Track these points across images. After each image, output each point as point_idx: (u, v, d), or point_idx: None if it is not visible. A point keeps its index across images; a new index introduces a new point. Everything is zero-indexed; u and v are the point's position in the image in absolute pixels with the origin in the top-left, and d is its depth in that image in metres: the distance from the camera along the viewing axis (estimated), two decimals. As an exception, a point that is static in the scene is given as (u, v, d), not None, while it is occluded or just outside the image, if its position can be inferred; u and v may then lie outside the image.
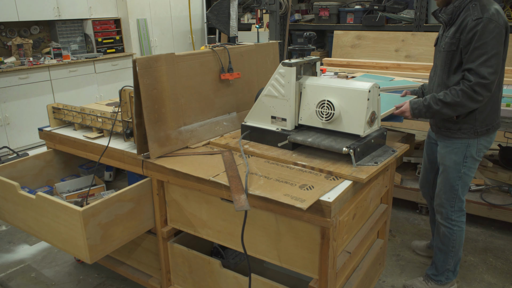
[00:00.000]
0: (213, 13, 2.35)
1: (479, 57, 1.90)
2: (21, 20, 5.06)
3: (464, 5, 1.99)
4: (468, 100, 1.95)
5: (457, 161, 2.15)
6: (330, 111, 1.86)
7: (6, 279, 2.69)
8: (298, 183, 1.66)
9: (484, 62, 1.89)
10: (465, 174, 2.16)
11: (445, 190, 2.23)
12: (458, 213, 2.25)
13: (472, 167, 2.16)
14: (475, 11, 1.92)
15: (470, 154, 2.13)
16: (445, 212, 2.26)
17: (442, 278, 2.39)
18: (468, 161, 2.14)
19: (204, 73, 2.18)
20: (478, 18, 1.90)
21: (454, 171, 2.17)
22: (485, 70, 1.89)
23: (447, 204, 2.24)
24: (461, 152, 2.14)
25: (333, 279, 1.68)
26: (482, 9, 1.91)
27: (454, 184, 2.19)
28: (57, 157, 2.62)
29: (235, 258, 2.27)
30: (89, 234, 1.74)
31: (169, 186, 1.99)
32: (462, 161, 2.14)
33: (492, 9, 1.91)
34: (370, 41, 5.01)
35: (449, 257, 2.33)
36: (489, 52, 1.88)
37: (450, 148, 2.17)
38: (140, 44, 6.42)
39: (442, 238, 2.32)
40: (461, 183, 2.18)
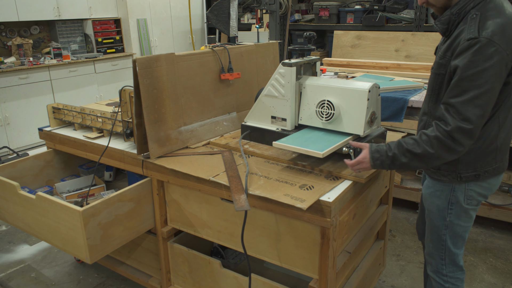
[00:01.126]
0: (213, 13, 2.35)
1: (465, 92, 1.40)
2: (21, 20, 5.06)
3: (464, 14, 1.49)
4: (445, 151, 1.46)
5: (440, 207, 1.68)
6: (330, 111, 1.86)
7: (6, 279, 2.70)
8: (298, 183, 1.66)
9: (472, 100, 1.39)
10: (452, 223, 1.68)
11: (432, 239, 1.77)
12: (452, 267, 1.76)
13: (462, 216, 1.66)
14: (472, 26, 1.42)
15: (456, 201, 1.64)
16: (435, 264, 1.79)
17: None
18: (455, 209, 1.65)
19: (204, 73, 2.18)
20: (472, 38, 1.39)
21: (438, 218, 1.71)
22: (470, 111, 1.39)
23: (436, 255, 1.78)
24: (445, 196, 1.66)
25: (333, 279, 1.68)
26: (482, 25, 1.39)
27: (440, 234, 1.73)
28: (57, 157, 2.62)
29: (235, 258, 2.27)
30: (89, 234, 1.74)
31: (169, 186, 1.99)
32: (447, 208, 1.67)
33: (496, 25, 1.38)
34: (370, 41, 5.00)
35: None
36: (481, 87, 1.38)
37: (432, 190, 1.70)
38: (140, 44, 6.42)
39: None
40: (449, 232, 1.70)
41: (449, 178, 1.62)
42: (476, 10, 1.45)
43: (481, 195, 1.64)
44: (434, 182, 1.69)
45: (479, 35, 1.38)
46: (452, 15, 1.51)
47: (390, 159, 1.55)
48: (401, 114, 3.00)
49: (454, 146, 1.44)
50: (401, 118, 3.01)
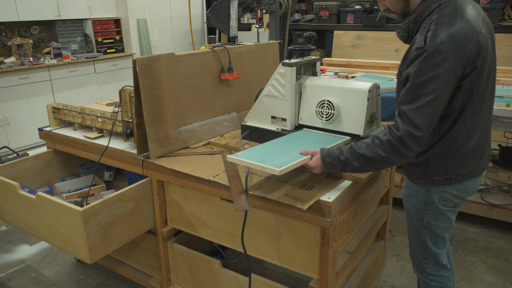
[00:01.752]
0: (213, 13, 2.35)
1: (415, 100, 1.42)
2: (21, 20, 5.06)
3: (420, 21, 1.49)
4: (395, 155, 1.48)
5: (418, 208, 1.72)
6: (330, 111, 1.86)
7: (6, 279, 2.70)
8: (298, 183, 1.66)
9: (420, 108, 1.41)
10: (430, 223, 1.70)
11: (413, 239, 1.81)
12: (435, 266, 1.78)
13: (439, 216, 1.68)
14: (423, 34, 1.43)
15: (431, 202, 1.67)
16: (419, 263, 1.82)
17: None
18: (432, 210, 1.68)
19: (204, 73, 2.18)
20: (419, 48, 1.40)
21: (416, 219, 1.75)
22: (419, 118, 1.41)
23: (419, 255, 1.81)
24: (421, 197, 1.69)
25: (333, 279, 1.68)
26: (433, 33, 1.40)
27: (419, 234, 1.76)
28: (57, 157, 2.62)
29: (235, 258, 2.27)
30: (89, 234, 1.74)
31: (169, 186, 1.99)
32: (424, 209, 1.70)
33: (447, 33, 1.38)
34: (370, 41, 5.01)
35: None
36: (429, 95, 1.40)
37: (409, 190, 1.75)
38: (140, 44, 6.42)
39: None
40: (427, 233, 1.73)
41: (423, 181, 1.65)
42: (430, 18, 1.45)
43: (457, 197, 1.65)
44: (412, 183, 1.72)
45: (425, 44, 1.39)
46: (410, 23, 1.53)
47: (342, 163, 1.56)
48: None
49: (404, 151, 1.46)
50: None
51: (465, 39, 1.40)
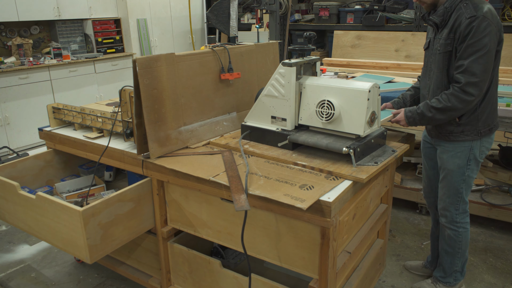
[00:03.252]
0: (213, 13, 2.35)
1: (471, 54, 1.87)
2: (21, 20, 5.06)
3: (455, 5, 1.95)
4: (460, 103, 1.91)
5: (461, 165, 2.10)
6: (330, 111, 1.86)
7: (6, 279, 2.70)
8: (298, 183, 1.66)
9: (477, 60, 1.86)
10: (468, 176, 2.12)
11: (449, 194, 2.18)
12: (463, 215, 2.21)
13: (475, 169, 2.13)
14: (467, 9, 1.89)
15: (473, 157, 2.09)
16: (450, 215, 2.21)
17: (451, 280, 2.36)
18: (472, 164, 2.10)
19: (204, 73, 2.18)
20: (472, 16, 1.86)
21: (458, 175, 2.12)
22: (476, 68, 1.86)
23: (451, 207, 2.20)
24: (465, 155, 2.09)
25: (333, 279, 1.68)
26: (475, 8, 1.88)
27: (458, 188, 2.15)
28: (57, 157, 2.62)
29: (235, 258, 2.27)
30: (89, 234, 1.74)
31: (169, 186, 1.99)
32: (466, 164, 2.10)
33: (486, 8, 1.88)
34: (370, 41, 5.00)
35: (456, 259, 2.29)
36: (482, 50, 1.85)
37: (453, 152, 2.11)
38: (140, 44, 6.42)
39: (448, 241, 2.27)
40: (465, 185, 2.14)
41: (471, 136, 2.05)
42: (464, 1, 1.92)
43: (487, 148, 2.12)
44: (455, 145, 2.10)
45: (476, 13, 1.86)
46: (446, 8, 1.97)
47: (419, 115, 2.01)
48: (401, 114, 2.99)
49: (466, 98, 1.89)
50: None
51: (496, 15, 1.91)
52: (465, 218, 2.23)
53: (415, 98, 2.34)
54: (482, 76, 1.87)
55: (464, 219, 2.22)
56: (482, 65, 1.86)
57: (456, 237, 2.24)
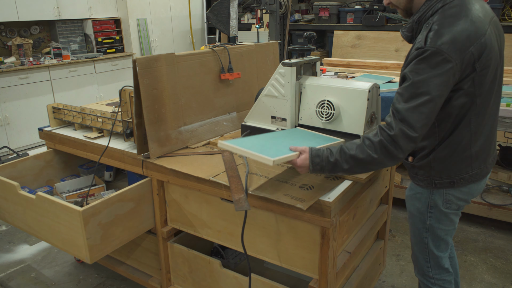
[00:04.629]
0: (213, 13, 2.35)
1: (411, 99, 1.39)
2: (21, 20, 5.06)
3: (424, 21, 1.47)
4: (386, 156, 1.44)
5: (421, 210, 1.70)
6: (330, 111, 1.86)
7: (6, 279, 2.70)
8: (298, 183, 1.66)
9: (417, 107, 1.38)
10: (432, 226, 1.69)
11: (415, 241, 1.79)
12: (437, 269, 1.76)
13: (442, 219, 1.67)
14: (424, 33, 1.41)
15: (434, 204, 1.65)
16: (421, 266, 1.81)
17: None
18: (434, 213, 1.66)
19: (204, 73, 2.18)
20: (419, 48, 1.39)
21: (419, 221, 1.73)
22: (415, 118, 1.39)
23: (421, 258, 1.79)
24: (424, 199, 1.67)
25: (333, 279, 1.68)
26: (435, 33, 1.37)
27: (422, 237, 1.74)
28: (57, 157, 2.62)
29: (235, 258, 2.27)
30: (89, 234, 1.74)
31: (169, 186, 1.99)
32: (427, 211, 1.68)
33: (449, 34, 1.36)
34: (370, 41, 5.01)
35: None
36: (426, 95, 1.37)
37: (413, 192, 1.73)
38: (140, 44, 6.42)
39: None
40: (430, 236, 1.71)
41: (425, 184, 1.64)
42: (432, 18, 1.43)
43: (460, 199, 1.64)
44: (415, 185, 1.71)
45: (425, 44, 1.37)
46: (414, 23, 1.51)
47: (331, 164, 1.50)
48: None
49: (395, 152, 1.42)
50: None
51: (467, 41, 1.37)
52: (441, 275, 1.77)
53: None
54: (421, 131, 1.41)
55: (439, 275, 1.77)
56: (424, 116, 1.39)
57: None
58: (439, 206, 1.64)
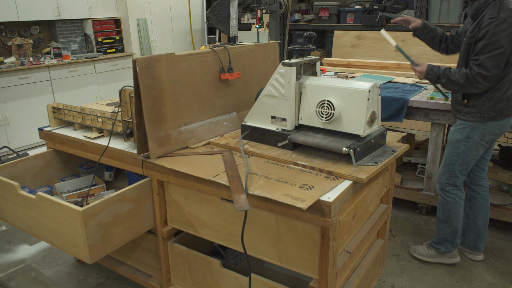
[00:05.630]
0: (213, 13, 2.35)
1: (488, 52, 2.14)
2: (21, 20, 5.06)
3: (489, 3, 2.18)
4: (469, 85, 2.22)
5: (460, 139, 2.38)
6: (330, 111, 1.86)
7: (6, 279, 2.70)
8: (298, 183, 1.66)
9: (491, 57, 2.13)
10: (464, 152, 2.38)
11: (445, 163, 2.48)
12: (452, 187, 2.48)
13: (473, 148, 2.36)
14: (493, 10, 2.13)
15: (472, 136, 2.35)
16: (441, 182, 2.53)
17: (441, 247, 2.62)
18: (470, 142, 2.36)
19: (204, 73, 2.18)
20: (493, 17, 2.11)
21: (455, 147, 2.41)
22: (489, 64, 2.14)
23: (444, 176, 2.50)
24: (465, 132, 2.36)
25: (333, 279, 1.68)
26: (500, 9, 2.11)
27: (452, 159, 2.43)
28: (57, 157, 2.62)
29: (235, 258, 2.27)
30: (89, 234, 1.74)
31: (169, 186, 1.99)
32: (464, 140, 2.37)
33: (509, 11, 2.10)
34: (370, 41, 5.01)
35: (445, 226, 2.56)
36: (497, 49, 2.12)
37: (457, 127, 2.41)
38: (140, 44, 6.42)
39: (439, 206, 2.59)
40: (459, 160, 2.41)
41: (476, 118, 2.32)
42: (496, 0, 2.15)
43: (492, 133, 2.35)
44: (461, 121, 2.39)
45: (497, 15, 2.11)
46: (480, 4, 2.22)
47: (436, 76, 2.34)
48: (401, 114, 3.00)
49: (475, 84, 2.21)
50: (401, 118, 3.01)
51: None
52: (455, 191, 2.50)
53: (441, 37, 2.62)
54: (493, 72, 2.16)
55: (453, 191, 2.50)
56: (495, 63, 2.14)
57: (445, 205, 2.54)
58: (476, 138, 2.35)
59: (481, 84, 2.20)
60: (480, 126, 2.33)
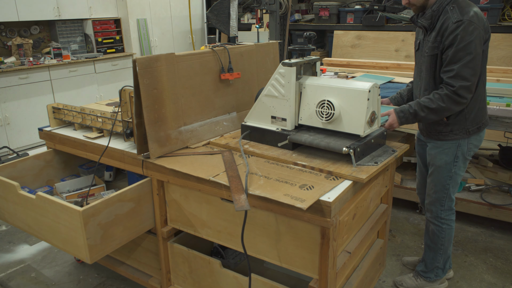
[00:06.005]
0: (213, 13, 2.35)
1: (461, 59, 1.92)
2: (21, 20, 5.06)
3: (442, 9, 1.99)
4: (453, 104, 1.98)
5: (448, 161, 2.17)
6: (330, 111, 1.86)
7: (6, 279, 2.70)
8: (298, 183, 1.66)
9: (466, 64, 1.92)
10: (455, 173, 2.19)
11: (436, 190, 2.25)
12: (448, 211, 2.28)
13: (462, 166, 2.19)
14: (454, 14, 1.94)
15: (460, 154, 2.16)
16: (435, 210, 2.29)
17: (431, 275, 2.43)
18: (459, 161, 2.17)
19: (204, 73, 2.18)
20: (458, 20, 1.91)
21: (445, 171, 2.20)
22: (466, 72, 1.92)
23: (437, 203, 2.27)
24: (452, 152, 2.16)
25: (333, 279, 1.68)
26: (461, 12, 1.92)
27: (445, 184, 2.22)
28: (57, 157, 2.62)
29: (235, 258, 2.27)
30: (89, 234, 1.74)
31: (169, 186, 1.99)
32: (453, 161, 2.17)
33: (472, 12, 1.92)
34: (370, 41, 5.01)
35: (438, 255, 2.36)
36: (470, 54, 1.91)
37: (441, 149, 2.18)
38: (140, 44, 6.42)
39: (431, 236, 2.36)
40: (452, 182, 2.21)
41: (460, 135, 2.12)
42: (451, 5, 1.96)
43: (476, 146, 2.18)
44: (443, 142, 2.17)
45: (462, 18, 1.91)
46: (433, 11, 2.00)
47: (412, 115, 2.04)
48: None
49: (460, 100, 1.96)
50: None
51: (482, 17, 1.96)
52: (450, 215, 2.29)
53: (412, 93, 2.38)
54: (473, 80, 1.94)
55: (448, 216, 2.29)
56: (472, 69, 1.93)
57: (439, 233, 2.31)
58: (464, 155, 2.16)
59: (465, 98, 1.96)
60: (465, 142, 2.14)
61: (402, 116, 2.06)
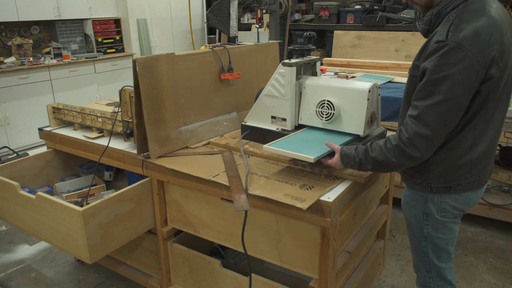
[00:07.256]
0: (213, 13, 2.35)
1: (429, 96, 1.35)
2: (21, 20, 5.06)
3: (444, 15, 1.40)
4: (405, 159, 1.43)
5: (417, 217, 1.62)
6: (330, 111, 1.86)
7: (6, 279, 2.70)
8: (298, 183, 1.66)
9: (433, 106, 1.34)
10: (430, 234, 1.60)
11: (415, 251, 1.71)
12: (439, 281, 1.67)
13: (439, 227, 1.58)
14: (444, 27, 1.33)
15: (429, 212, 1.57)
16: (422, 277, 1.72)
17: None
18: (431, 220, 1.59)
19: (204, 73, 2.18)
20: (440, 41, 1.31)
21: (417, 229, 1.65)
22: (430, 117, 1.35)
23: (421, 267, 1.71)
24: (420, 206, 1.60)
25: (333, 279, 1.68)
26: (455, 27, 1.31)
27: (421, 246, 1.66)
28: (57, 157, 2.62)
29: (235, 258, 2.27)
30: (89, 234, 1.74)
31: (169, 186, 1.99)
32: (423, 218, 1.60)
33: (471, 29, 1.29)
34: (370, 41, 5.01)
35: None
36: (442, 94, 1.32)
37: (408, 199, 1.66)
38: (140, 44, 6.42)
39: None
40: (429, 245, 1.63)
41: (421, 187, 1.56)
42: (454, 12, 1.36)
43: (456, 208, 1.55)
44: (410, 191, 1.64)
45: (446, 38, 1.30)
46: (433, 15, 1.43)
47: (358, 164, 1.56)
48: (401, 114, 2.98)
49: (412, 153, 1.41)
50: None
51: (491, 38, 1.30)
52: (443, 287, 1.69)
53: None
54: (437, 130, 1.36)
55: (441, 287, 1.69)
56: (438, 114, 1.34)
57: None
58: (434, 214, 1.57)
59: (421, 152, 1.39)
60: (435, 198, 1.54)
61: (346, 162, 1.59)
